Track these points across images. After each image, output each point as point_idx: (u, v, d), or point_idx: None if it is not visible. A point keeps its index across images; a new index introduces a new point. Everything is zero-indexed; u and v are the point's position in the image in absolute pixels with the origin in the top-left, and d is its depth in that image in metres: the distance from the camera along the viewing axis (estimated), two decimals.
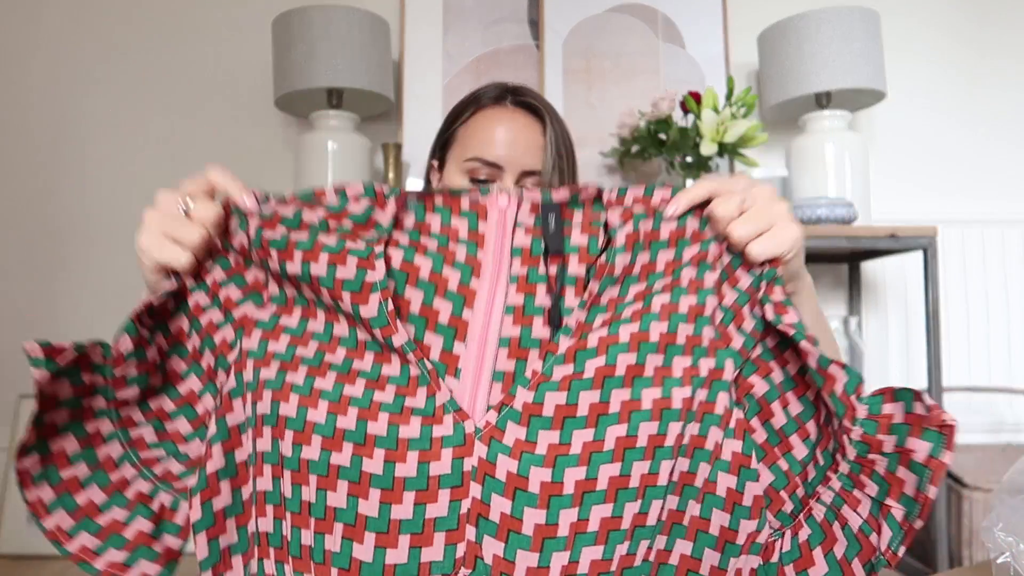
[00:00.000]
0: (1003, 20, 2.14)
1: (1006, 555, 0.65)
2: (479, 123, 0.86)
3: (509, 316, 0.51)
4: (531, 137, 0.85)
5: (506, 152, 0.83)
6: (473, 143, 0.84)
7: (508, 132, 0.84)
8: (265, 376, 0.51)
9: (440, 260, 0.52)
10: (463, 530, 0.47)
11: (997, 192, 2.10)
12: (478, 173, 0.84)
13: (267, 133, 2.09)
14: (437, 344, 0.50)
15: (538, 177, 0.85)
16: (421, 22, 2.06)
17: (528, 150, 0.84)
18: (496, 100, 0.87)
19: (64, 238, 2.08)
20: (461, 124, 0.87)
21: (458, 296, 0.51)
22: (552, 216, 0.53)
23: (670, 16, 2.07)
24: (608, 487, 0.46)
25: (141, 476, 0.53)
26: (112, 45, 2.11)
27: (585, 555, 0.45)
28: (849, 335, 1.86)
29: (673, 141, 1.77)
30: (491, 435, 0.48)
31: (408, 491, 0.46)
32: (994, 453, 1.92)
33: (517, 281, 0.52)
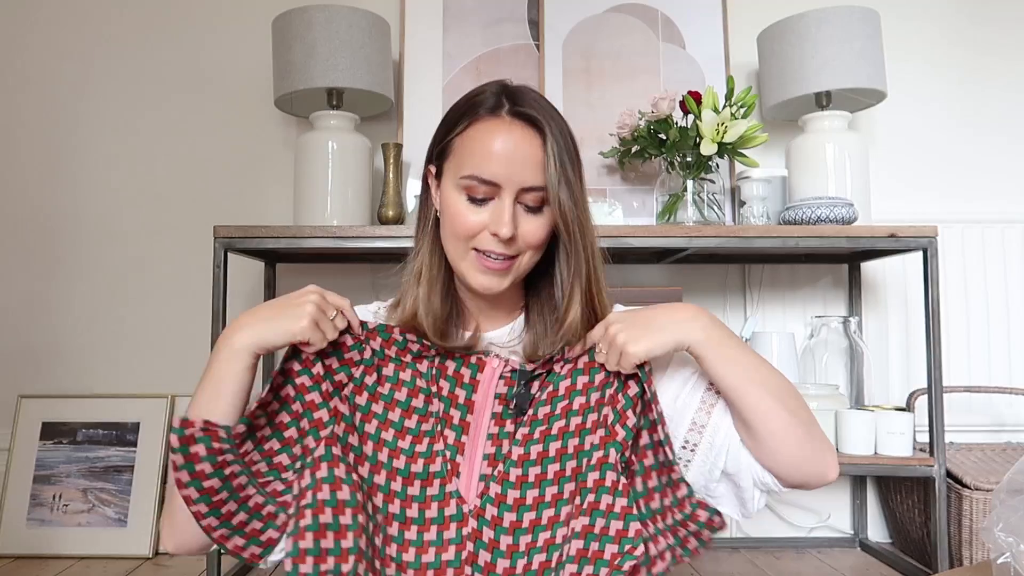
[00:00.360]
0: (1003, 20, 2.14)
1: (1006, 555, 0.65)
2: (475, 137, 0.81)
3: (488, 441, 0.82)
4: (530, 152, 0.81)
5: (503, 170, 0.80)
6: (469, 160, 0.81)
7: (505, 148, 0.80)
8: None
9: (448, 403, 0.84)
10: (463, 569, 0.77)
11: (997, 192, 2.10)
12: (475, 191, 0.81)
13: (267, 133, 2.09)
14: (448, 455, 0.82)
15: (538, 193, 0.82)
16: (421, 22, 2.06)
17: (526, 166, 0.80)
18: (493, 111, 0.82)
19: (63, 238, 2.08)
20: (457, 135, 0.84)
21: (459, 427, 0.83)
22: (523, 381, 0.83)
23: (670, 16, 2.07)
24: (547, 522, 0.77)
25: (258, 493, 0.76)
26: (111, 44, 2.11)
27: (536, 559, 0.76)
28: (849, 335, 1.86)
29: (673, 141, 1.77)
30: (479, 513, 0.79)
31: (431, 548, 0.77)
32: (994, 453, 1.93)
33: (495, 417, 0.83)
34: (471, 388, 0.84)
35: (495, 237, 0.81)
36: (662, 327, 0.80)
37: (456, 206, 0.83)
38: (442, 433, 0.82)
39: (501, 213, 0.81)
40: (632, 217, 1.98)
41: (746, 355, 0.81)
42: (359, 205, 1.83)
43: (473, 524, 0.78)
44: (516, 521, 0.77)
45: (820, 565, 1.85)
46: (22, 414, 1.99)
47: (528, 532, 0.77)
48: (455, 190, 0.83)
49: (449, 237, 0.85)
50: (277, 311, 0.79)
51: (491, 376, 0.84)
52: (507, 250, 0.82)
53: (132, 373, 2.05)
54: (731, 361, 0.79)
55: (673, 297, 1.70)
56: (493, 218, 0.81)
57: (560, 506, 0.78)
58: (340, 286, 1.99)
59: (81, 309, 2.07)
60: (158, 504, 1.94)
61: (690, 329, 0.80)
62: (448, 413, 0.83)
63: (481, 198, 0.82)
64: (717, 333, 0.81)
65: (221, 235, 1.63)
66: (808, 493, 2.04)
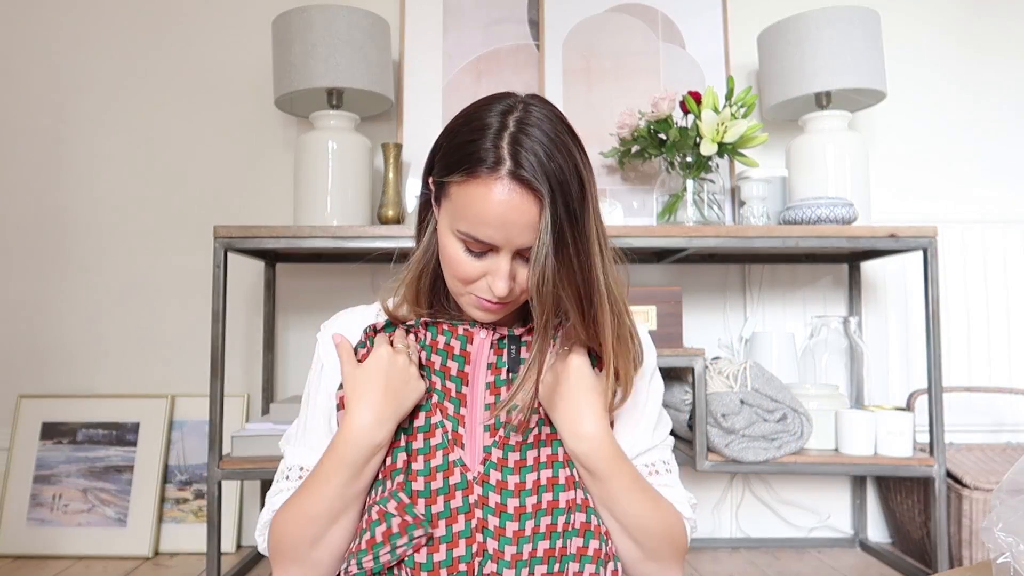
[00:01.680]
0: (1003, 20, 2.14)
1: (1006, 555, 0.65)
2: (472, 196, 0.77)
3: (486, 412, 0.83)
4: (526, 220, 0.77)
5: (499, 235, 0.77)
6: (464, 218, 0.78)
7: (501, 215, 0.76)
8: None
9: (443, 376, 0.85)
10: (474, 537, 0.78)
11: (997, 192, 2.10)
12: (471, 246, 0.80)
13: (267, 133, 2.09)
14: (449, 426, 0.83)
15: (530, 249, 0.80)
16: (421, 22, 2.06)
17: (523, 231, 0.77)
18: (493, 168, 0.76)
19: (63, 238, 2.08)
20: (456, 183, 0.79)
21: (456, 400, 0.84)
22: (513, 346, 0.86)
23: (670, 16, 2.07)
24: (547, 506, 0.80)
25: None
26: (111, 45, 2.11)
27: (540, 545, 0.78)
28: (849, 335, 1.86)
29: (673, 141, 1.77)
30: (483, 479, 0.80)
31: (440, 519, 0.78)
32: (994, 453, 1.93)
33: (489, 387, 0.84)
34: (463, 360, 0.85)
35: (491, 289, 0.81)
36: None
37: (454, 252, 0.81)
38: (440, 405, 0.83)
39: (497, 271, 0.79)
40: (632, 217, 1.98)
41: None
42: (359, 205, 1.83)
43: (479, 491, 0.79)
44: (520, 483, 0.79)
45: (820, 565, 1.85)
46: (22, 414, 1.99)
47: (532, 493, 0.79)
48: (452, 236, 0.81)
49: (448, 275, 0.84)
50: (397, 384, 0.82)
51: (480, 347, 0.85)
52: (504, 298, 0.81)
53: (132, 373, 2.05)
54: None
55: (673, 297, 1.70)
56: (491, 272, 0.80)
57: (557, 468, 0.81)
58: (340, 286, 2.02)
59: (81, 309, 2.07)
60: (158, 504, 1.94)
61: None
62: (445, 386, 0.84)
63: (478, 252, 0.80)
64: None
65: (221, 235, 1.63)
66: (808, 493, 2.04)
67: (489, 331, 0.86)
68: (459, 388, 0.84)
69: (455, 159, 0.79)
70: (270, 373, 1.98)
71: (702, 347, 1.80)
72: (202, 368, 1.84)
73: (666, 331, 1.69)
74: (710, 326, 2.06)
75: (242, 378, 2.04)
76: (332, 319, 0.91)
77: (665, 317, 1.69)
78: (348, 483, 0.78)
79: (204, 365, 1.81)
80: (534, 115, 0.78)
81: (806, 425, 1.63)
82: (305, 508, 0.79)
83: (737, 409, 1.60)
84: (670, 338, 1.68)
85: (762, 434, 1.60)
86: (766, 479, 2.04)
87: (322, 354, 0.89)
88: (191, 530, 1.94)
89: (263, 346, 1.96)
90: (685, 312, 1.97)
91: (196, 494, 1.96)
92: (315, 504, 0.78)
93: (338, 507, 0.79)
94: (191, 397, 2.01)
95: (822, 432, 1.68)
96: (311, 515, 0.78)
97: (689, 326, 1.99)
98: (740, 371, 1.67)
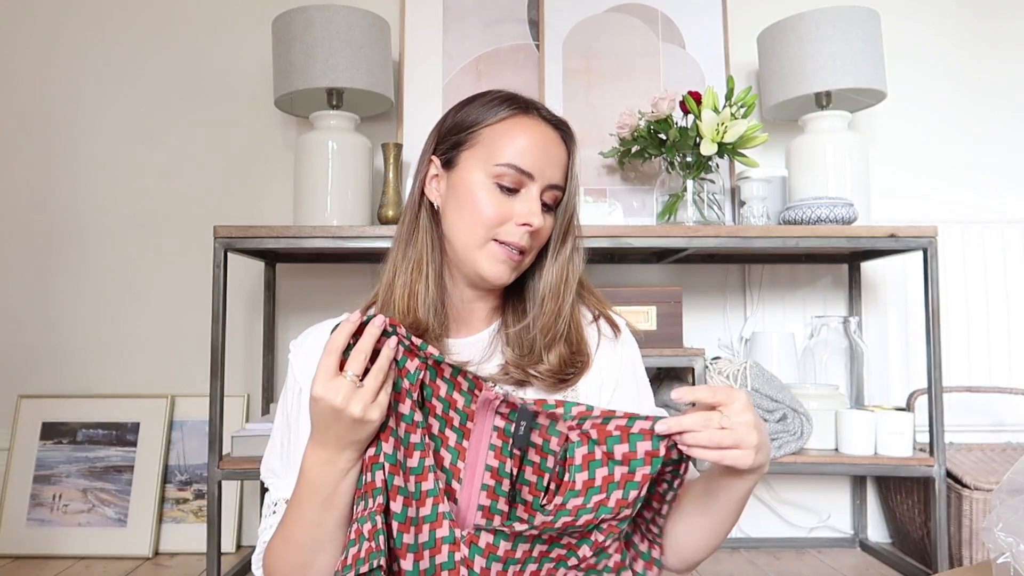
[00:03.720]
0: (1003, 20, 2.14)
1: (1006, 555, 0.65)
2: (512, 129, 0.85)
3: (487, 472, 0.76)
4: (559, 154, 0.86)
5: (538, 163, 0.84)
6: (505, 148, 0.84)
7: (541, 143, 0.85)
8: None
9: (444, 423, 0.78)
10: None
11: (997, 192, 2.10)
12: (504, 179, 0.83)
13: (267, 133, 2.09)
14: (443, 477, 0.77)
15: (557, 192, 0.87)
16: (421, 22, 2.06)
17: (556, 165, 0.86)
18: (526, 111, 0.87)
19: (63, 238, 2.08)
20: (488, 126, 0.86)
21: (455, 451, 0.78)
22: (523, 422, 0.76)
23: (670, 16, 2.07)
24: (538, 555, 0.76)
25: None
26: (111, 45, 2.11)
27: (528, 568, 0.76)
28: (849, 335, 1.86)
29: (673, 141, 1.77)
30: (471, 540, 0.75)
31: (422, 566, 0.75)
32: (994, 453, 1.93)
33: (495, 449, 0.77)
34: (465, 415, 0.78)
35: (524, 227, 0.83)
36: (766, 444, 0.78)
37: (482, 193, 0.84)
38: (437, 452, 0.78)
39: (532, 203, 0.83)
40: (632, 217, 1.98)
41: None
42: (359, 205, 1.83)
43: (465, 552, 0.74)
44: (510, 551, 0.74)
45: (820, 565, 1.85)
46: (22, 414, 1.99)
47: (519, 563, 0.75)
48: (482, 175, 0.84)
49: (467, 224, 0.84)
50: (342, 432, 0.73)
51: (485, 408, 0.77)
52: (527, 242, 0.84)
53: (132, 373, 2.05)
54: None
55: (673, 297, 1.70)
56: (523, 209, 0.83)
57: (553, 546, 0.76)
58: (340, 286, 2.02)
59: (81, 309, 2.07)
60: (158, 504, 1.94)
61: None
62: (444, 433, 0.79)
63: (510, 187, 0.84)
64: None
65: (221, 235, 1.63)
66: (808, 493, 2.04)
67: (499, 396, 0.77)
68: (459, 440, 0.78)
69: (483, 114, 0.87)
70: (270, 373, 1.98)
71: (702, 347, 1.80)
72: (202, 368, 1.84)
73: (666, 331, 1.69)
74: (710, 326, 2.06)
75: (242, 378, 2.04)
76: (301, 337, 0.91)
77: (665, 317, 1.69)
78: (323, 508, 0.76)
79: (204, 365, 1.81)
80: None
81: (806, 425, 1.63)
82: (288, 535, 0.78)
83: None
84: (670, 338, 1.68)
85: None
86: (766, 479, 2.04)
87: (299, 376, 0.87)
88: (191, 530, 1.94)
89: (263, 346, 1.96)
90: (685, 312, 1.97)
91: (196, 494, 1.96)
92: (296, 530, 0.77)
93: (320, 534, 0.76)
94: (191, 397, 2.01)
95: (822, 432, 1.68)
96: (294, 542, 0.77)
97: (689, 326, 1.99)
98: (740, 371, 1.67)
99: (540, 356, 0.86)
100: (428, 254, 0.87)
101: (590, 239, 1.64)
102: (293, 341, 0.91)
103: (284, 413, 0.88)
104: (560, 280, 0.88)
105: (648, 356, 1.64)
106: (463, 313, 0.90)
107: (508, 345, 0.88)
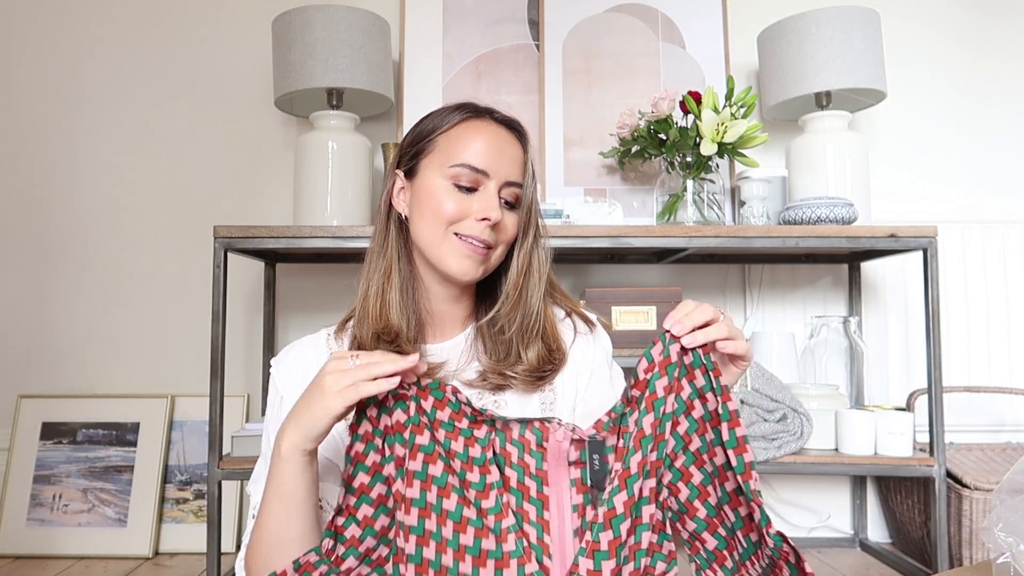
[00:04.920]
0: (1003, 20, 2.14)
1: (1006, 555, 0.65)
2: (465, 132, 0.89)
3: (574, 513, 0.74)
4: (513, 152, 0.90)
5: (493, 161, 0.87)
6: (460, 150, 0.87)
7: (494, 143, 0.88)
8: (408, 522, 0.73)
9: (521, 471, 0.75)
10: None
11: (997, 192, 2.10)
12: (461, 179, 0.87)
13: (267, 133, 2.09)
14: (533, 533, 0.73)
15: (516, 189, 0.90)
16: (421, 22, 2.06)
17: (511, 162, 0.89)
18: (478, 115, 0.90)
19: (63, 238, 2.08)
20: (442, 133, 0.90)
21: (538, 501, 0.74)
22: (595, 456, 0.75)
23: (670, 16, 2.07)
24: None
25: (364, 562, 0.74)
26: (111, 45, 2.11)
27: None
28: (849, 335, 1.86)
29: (673, 141, 1.77)
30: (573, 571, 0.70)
31: None
32: (994, 453, 1.93)
33: (575, 484, 0.75)
34: (540, 456, 0.76)
35: (482, 222, 0.86)
36: None
37: (441, 192, 0.87)
38: (520, 508, 0.74)
39: (489, 199, 0.87)
40: (632, 217, 1.98)
41: None
42: (359, 205, 1.83)
43: None
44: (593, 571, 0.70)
45: (820, 565, 1.85)
46: (22, 414, 1.99)
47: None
48: (440, 179, 0.88)
49: (429, 224, 0.88)
50: (306, 400, 0.76)
51: (557, 447, 0.76)
52: (489, 237, 0.87)
53: (132, 373, 2.05)
54: None
55: (673, 297, 1.70)
56: (481, 204, 0.87)
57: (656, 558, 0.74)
58: (340, 286, 2.02)
59: (81, 309, 2.07)
60: (158, 504, 1.94)
61: None
62: (523, 483, 0.75)
63: (468, 186, 0.87)
64: None
65: (221, 235, 1.63)
66: (808, 493, 2.04)
67: (566, 431, 0.76)
68: (540, 488, 0.75)
69: (438, 122, 0.91)
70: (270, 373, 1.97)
71: None
72: (202, 368, 1.84)
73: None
74: None
75: (242, 378, 2.04)
76: (281, 353, 0.95)
77: (665, 317, 1.69)
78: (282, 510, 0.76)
79: (204, 365, 1.81)
80: None
81: (806, 425, 1.63)
82: (261, 531, 0.78)
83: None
84: None
85: (762, 434, 1.61)
86: (766, 479, 2.04)
87: (280, 386, 0.91)
88: (191, 530, 1.94)
89: (263, 346, 1.96)
90: None
91: (196, 494, 1.96)
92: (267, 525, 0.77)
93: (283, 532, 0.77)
94: (191, 397, 2.01)
95: (822, 432, 1.68)
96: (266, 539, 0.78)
97: None
98: None
99: (518, 356, 0.89)
100: (396, 263, 0.91)
101: (590, 239, 1.65)
102: (274, 358, 0.94)
103: (267, 425, 0.91)
104: (523, 269, 0.91)
105: None
106: (437, 318, 0.94)
107: (485, 353, 0.91)
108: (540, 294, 0.92)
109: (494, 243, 0.88)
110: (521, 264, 0.92)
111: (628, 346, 1.66)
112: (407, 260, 0.92)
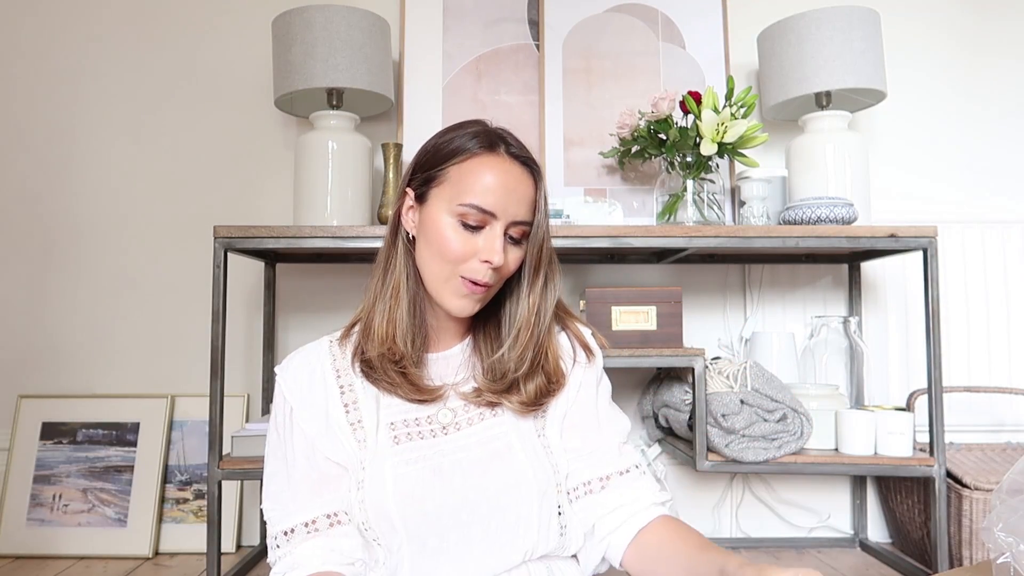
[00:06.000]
0: (1003, 20, 2.14)
1: (1006, 555, 0.65)
2: (476, 170, 0.87)
3: None
4: (524, 191, 0.89)
5: (501, 202, 0.86)
6: (468, 189, 0.86)
7: (505, 183, 0.87)
8: None
9: None
10: None
11: (997, 192, 2.10)
12: (469, 219, 0.86)
13: (267, 133, 2.09)
14: None
15: (524, 227, 0.89)
16: (421, 22, 2.06)
17: (520, 202, 0.88)
18: (491, 148, 0.89)
19: (63, 238, 2.08)
20: (453, 165, 0.88)
21: None
22: None
23: (670, 16, 2.07)
24: None
25: None
26: (111, 44, 2.11)
27: None
28: (849, 335, 1.86)
29: (673, 141, 1.77)
30: None
31: None
32: (994, 453, 1.93)
33: None
34: None
35: (485, 264, 0.86)
36: None
37: (448, 231, 0.87)
38: None
39: (494, 242, 0.86)
40: (632, 217, 1.98)
41: None
42: (359, 205, 1.83)
43: None
44: None
45: (820, 565, 1.85)
46: (22, 414, 1.99)
47: None
48: (447, 215, 0.87)
49: (434, 259, 0.88)
50: None
51: None
52: (491, 279, 0.87)
53: (132, 373, 2.05)
54: None
55: (673, 297, 1.70)
56: (486, 246, 0.86)
57: None
58: (340, 286, 2.02)
59: (81, 309, 2.07)
60: (158, 504, 1.94)
61: None
62: None
63: (474, 225, 0.86)
64: None
65: (221, 235, 1.63)
66: (808, 493, 2.04)
67: None
68: None
69: (451, 149, 0.89)
70: (270, 373, 1.97)
71: (702, 347, 1.80)
72: (202, 368, 1.84)
73: (666, 331, 1.69)
74: (710, 326, 2.06)
75: (242, 378, 2.04)
76: (285, 361, 0.95)
77: (665, 317, 1.69)
78: None
79: (204, 365, 1.81)
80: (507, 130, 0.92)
81: (806, 425, 1.63)
82: None
83: (737, 409, 1.60)
84: (670, 338, 1.68)
85: (762, 434, 1.60)
86: (766, 479, 2.04)
87: (288, 395, 0.90)
88: (191, 530, 1.94)
89: (263, 346, 1.96)
90: (685, 312, 1.97)
91: (196, 494, 1.96)
92: None
93: None
94: (191, 397, 2.01)
95: (822, 432, 1.68)
96: None
97: (689, 326, 1.99)
98: (740, 371, 1.67)
99: (517, 387, 0.90)
100: (405, 282, 0.91)
101: (590, 239, 1.65)
102: (278, 366, 0.94)
103: (278, 433, 0.90)
104: (532, 312, 0.92)
105: (648, 356, 1.64)
106: (438, 331, 0.95)
107: (484, 374, 0.92)
108: (546, 329, 0.93)
109: (495, 283, 0.89)
110: (532, 305, 0.92)
111: (628, 346, 1.66)
112: (415, 279, 0.92)
